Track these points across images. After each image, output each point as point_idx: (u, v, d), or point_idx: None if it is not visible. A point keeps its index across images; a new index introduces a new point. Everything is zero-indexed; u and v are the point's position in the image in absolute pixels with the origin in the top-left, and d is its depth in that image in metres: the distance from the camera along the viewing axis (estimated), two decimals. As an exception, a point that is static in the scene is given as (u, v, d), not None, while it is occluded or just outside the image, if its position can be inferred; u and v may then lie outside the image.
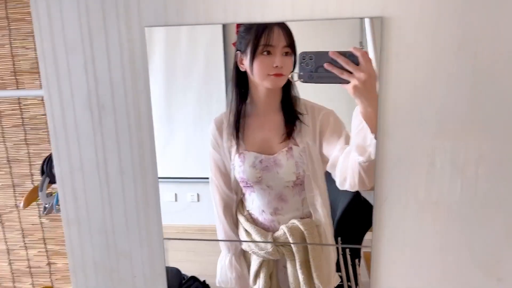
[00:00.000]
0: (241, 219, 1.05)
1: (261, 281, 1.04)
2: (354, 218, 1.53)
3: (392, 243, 0.80)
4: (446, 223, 0.76)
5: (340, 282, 1.59)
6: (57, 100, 0.81)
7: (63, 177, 0.84)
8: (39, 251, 1.98)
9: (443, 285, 0.79)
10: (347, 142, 0.88)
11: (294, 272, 1.00)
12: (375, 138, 0.77)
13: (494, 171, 0.72)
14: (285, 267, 1.02)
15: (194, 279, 2.08)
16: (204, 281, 2.15)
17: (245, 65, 0.93)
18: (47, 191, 1.12)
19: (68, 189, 0.84)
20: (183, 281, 2.04)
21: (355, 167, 0.85)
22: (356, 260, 1.62)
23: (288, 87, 0.94)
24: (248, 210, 1.06)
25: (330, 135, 0.94)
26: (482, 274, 0.76)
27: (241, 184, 1.04)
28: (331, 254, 1.03)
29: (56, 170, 0.85)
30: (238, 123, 0.99)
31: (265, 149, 0.98)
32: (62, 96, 0.80)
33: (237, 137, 0.99)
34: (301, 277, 0.99)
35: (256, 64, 0.91)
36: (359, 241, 1.67)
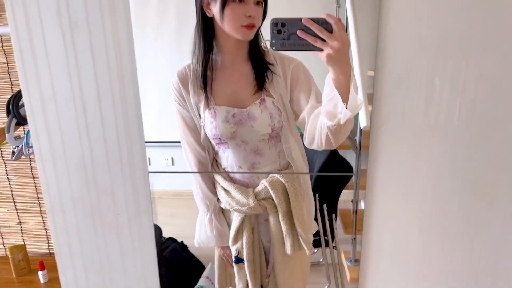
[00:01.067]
0: (218, 178, 1.01)
1: (244, 237, 1.03)
2: (330, 177, 1.54)
3: (387, 169, 0.78)
4: (442, 146, 0.75)
5: (317, 237, 1.63)
6: (22, 18, 0.71)
7: (34, 109, 0.76)
8: (8, 210, 1.88)
9: (436, 209, 0.79)
10: (317, 100, 0.85)
11: (276, 223, 0.99)
12: (346, 107, 0.74)
13: (494, 91, 0.70)
14: (266, 220, 1.00)
15: (172, 240, 2.06)
16: (181, 241, 2.14)
17: (213, 11, 0.85)
18: (15, 134, 1.03)
19: (40, 123, 0.76)
20: (162, 243, 2.00)
21: (323, 129, 0.83)
22: (333, 215, 1.65)
23: (255, 37, 0.88)
24: (224, 168, 1.02)
25: (301, 91, 0.91)
26: (476, 198, 0.76)
27: (214, 142, 0.99)
28: (311, 202, 1.02)
29: (26, 101, 0.76)
30: (205, 75, 0.92)
31: (236, 103, 0.93)
32: (27, 13, 0.71)
33: (206, 91, 0.93)
34: (284, 227, 0.98)
35: (227, 12, 0.84)
36: (336, 198, 1.69)
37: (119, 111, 0.75)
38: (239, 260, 1.02)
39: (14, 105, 0.98)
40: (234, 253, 1.03)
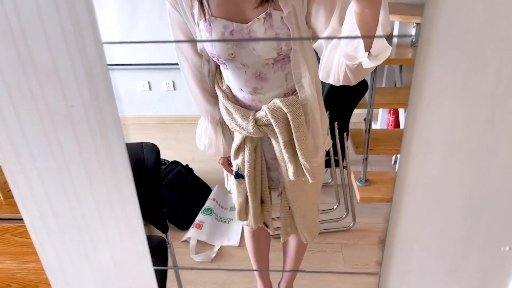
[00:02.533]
0: (220, 95, 0.88)
1: (246, 154, 0.94)
2: (343, 92, 1.41)
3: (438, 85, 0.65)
4: None
5: (327, 157, 1.56)
6: None
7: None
8: None
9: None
10: (341, 22, 0.66)
11: (279, 149, 0.88)
12: (369, 57, 0.58)
13: None
14: (269, 138, 0.89)
15: (176, 163, 2.01)
16: (186, 165, 2.09)
17: None
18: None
19: None
20: (165, 166, 1.96)
21: (341, 66, 0.68)
22: (344, 134, 1.57)
23: None
24: (227, 84, 0.88)
25: (321, 2, 0.71)
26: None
27: (213, 58, 0.84)
28: (319, 130, 0.89)
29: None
30: None
31: (236, 15, 0.76)
32: None
33: None
34: (285, 156, 0.88)
35: None
36: (348, 116, 1.58)
37: None
38: (239, 175, 0.96)
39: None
40: (234, 168, 0.96)
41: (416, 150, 0.38)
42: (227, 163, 1.04)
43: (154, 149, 1.06)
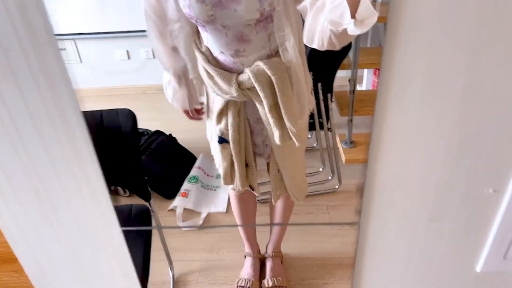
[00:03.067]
0: (200, 57, 0.82)
1: (229, 118, 0.90)
2: (326, 52, 1.36)
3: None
4: None
5: (311, 120, 1.53)
6: None
7: None
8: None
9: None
10: None
11: (264, 113, 0.85)
12: (355, 24, 0.56)
13: None
14: (253, 101, 0.86)
15: (159, 133, 1.96)
16: (170, 134, 2.05)
17: None
18: None
19: None
20: (148, 136, 1.92)
21: (325, 31, 0.65)
22: (328, 95, 1.54)
23: None
24: (206, 46, 0.83)
25: None
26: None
27: (191, 20, 0.79)
28: (304, 93, 0.86)
29: None
30: None
31: None
32: None
33: None
34: (271, 120, 0.84)
35: None
36: (331, 76, 1.54)
37: None
38: (223, 140, 0.93)
39: None
40: (218, 133, 0.93)
41: (394, 88, 0.35)
42: (194, 113, 1.02)
43: (130, 115, 1.02)
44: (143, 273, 0.99)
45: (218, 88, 0.85)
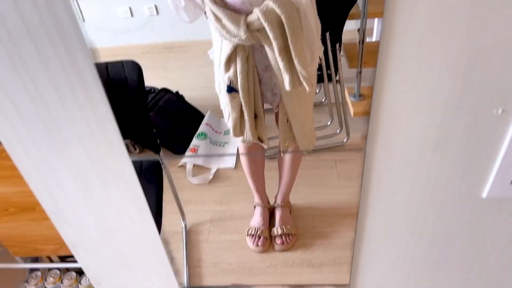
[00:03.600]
0: None
1: (238, 65, 0.89)
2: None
3: None
4: None
5: (319, 71, 1.50)
6: None
7: None
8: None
9: None
10: None
11: (273, 57, 0.83)
12: None
13: None
14: (262, 46, 0.84)
15: (166, 90, 1.95)
16: (177, 92, 2.04)
17: None
18: None
19: None
20: (155, 94, 1.91)
21: None
22: (337, 45, 1.49)
23: None
24: None
25: None
26: None
27: None
28: (314, 37, 0.84)
29: None
30: None
31: None
32: None
33: None
34: (281, 64, 0.83)
35: None
36: (340, 24, 1.49)
37: None
38: (231, 89, 0.93)
39: None
40: (226, 82, 0.93)
41: (402, 4, 0.33)
42: None
43: (135, 67, 1.01)
44: (156, 220, 1.03)
45: (226, 31, 0.84)
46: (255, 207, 1.34)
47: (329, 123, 1.80)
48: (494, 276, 0.59)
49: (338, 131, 1.74)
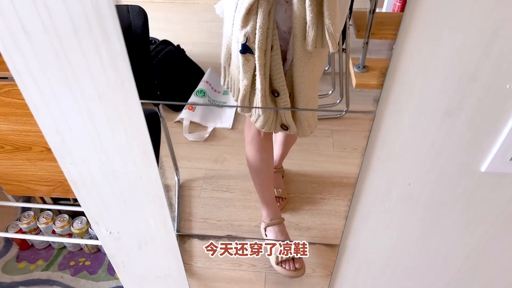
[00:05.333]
0: None
1: (258, 19, 0.80)
2: None
3: None
4: None
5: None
6: None
7: None
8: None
9: None
10: None
11: (301, 9, 0.76)
12: None
13: None
14: (288, 2, 0.78)
15: (166, 42, 1.90)
16: (178, 45, 1.99)
17: None
18: None
19: None
20: (155, 45, 1.87)
21: None
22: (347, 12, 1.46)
23: None
24: None
25: None
26: None
27: None
28: (345, 5, 0.78)
29: None
30: None
31: None
32: None
33: None
34: (309, 16, 0.75)
35: None
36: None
37: None
38: (246, 49, 0.84)
39: None
40: (241, 40, 0.85)
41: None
42: None
43: (141, 12, 0.98)
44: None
45: None
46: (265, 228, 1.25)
47: (330, 92, 1.80)
48: (481, 244, 0.62)
49: (338, 101, 1.75)
